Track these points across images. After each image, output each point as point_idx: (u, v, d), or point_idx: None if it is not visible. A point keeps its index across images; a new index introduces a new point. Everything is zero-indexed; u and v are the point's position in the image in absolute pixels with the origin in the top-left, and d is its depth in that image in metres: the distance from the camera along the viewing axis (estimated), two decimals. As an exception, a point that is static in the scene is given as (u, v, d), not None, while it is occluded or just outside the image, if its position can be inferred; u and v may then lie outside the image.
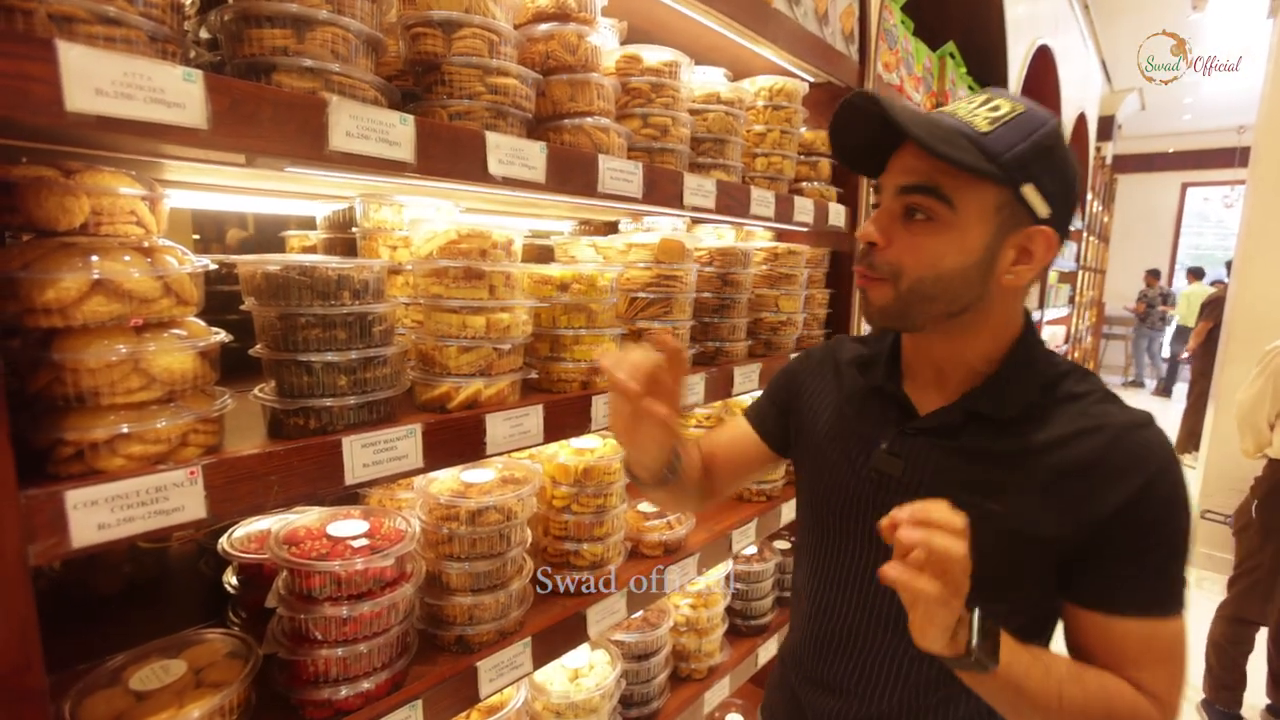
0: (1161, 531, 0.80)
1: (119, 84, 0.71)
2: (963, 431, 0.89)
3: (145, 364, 0.81)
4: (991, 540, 0.78)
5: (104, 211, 0.86)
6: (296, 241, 1.58)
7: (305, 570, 1.01)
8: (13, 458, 0.68)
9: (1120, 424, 0.83)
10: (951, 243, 0.83)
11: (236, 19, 0.90)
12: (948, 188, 0.82)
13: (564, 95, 1.26)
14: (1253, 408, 2.87)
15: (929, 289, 0.85)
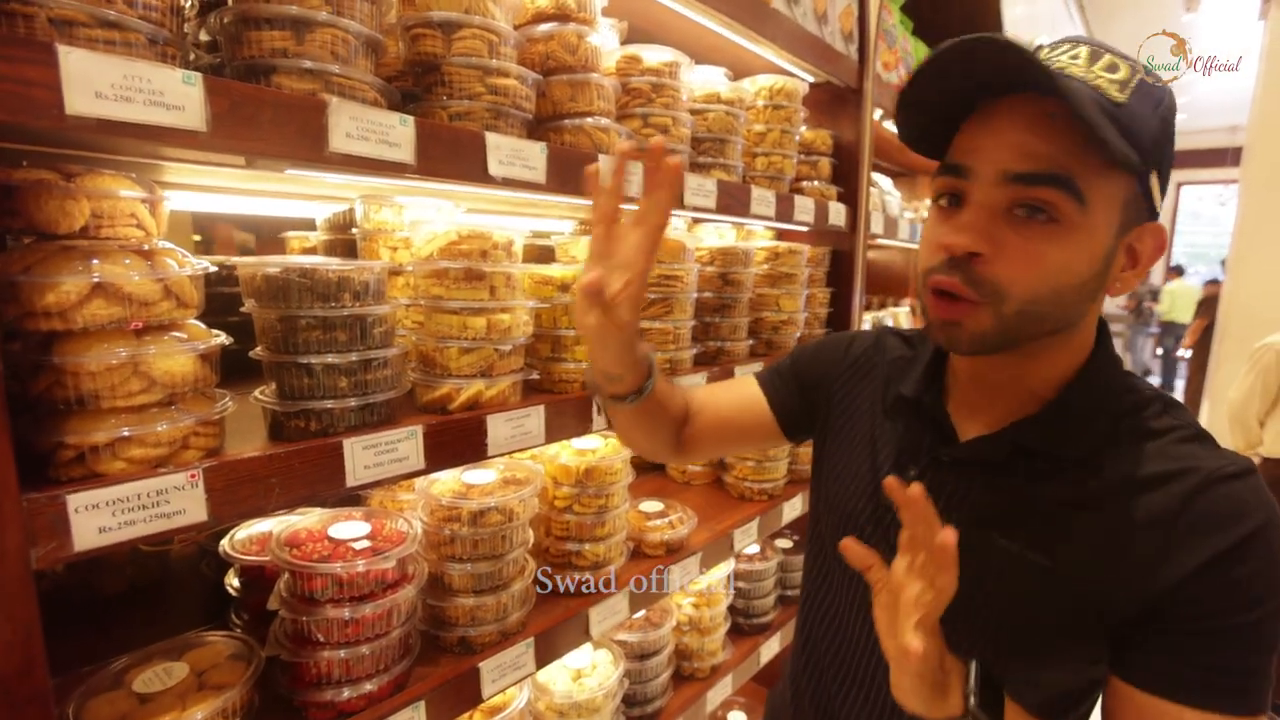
0: (1253, 605, 0.63)
1: (119, 87, 0.71)
2: (1007, 467, 0.75)
3: (146, 367, 0.81)
4: (1038, 593, 0.70)
5: (104, 214, 0.86)
6: (296, 243, 1.57)
7: (307, 572, 1.01)
8: (14, 462, 0.68)
9: (1208, 471, 0.66)
10: (1080, 250, 0.66)
11: (236, 21, 0.90)
12: (1083, 179, 0.64)
13: (564, 96, 1.26)
14: (1243, 405, 2.88)
15: (1044, 308, 0.67)
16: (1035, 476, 0.73)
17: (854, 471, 0.90)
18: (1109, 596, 0.67)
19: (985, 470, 0.77)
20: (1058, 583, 0.69)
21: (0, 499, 0.67)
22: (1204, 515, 0.65)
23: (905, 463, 0.84)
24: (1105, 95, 0.65)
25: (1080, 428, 0.72)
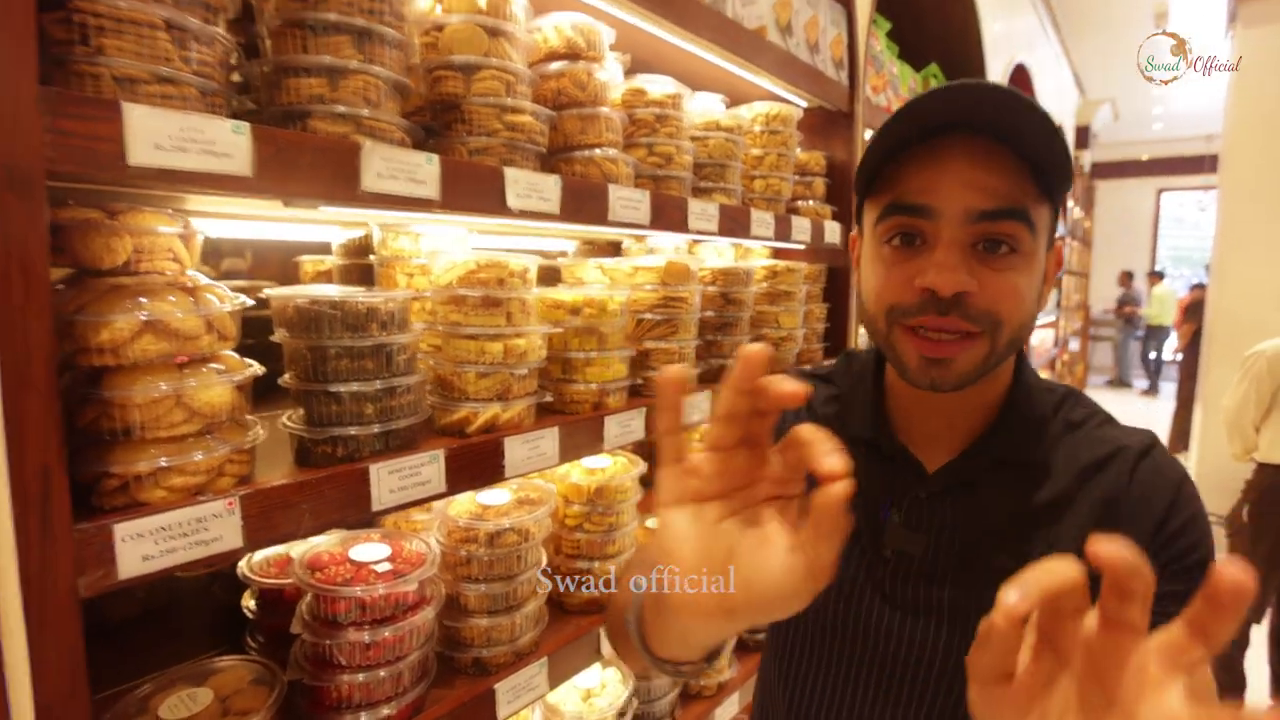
0: (1198, 547, 0.71)
1: (175, 138, 0.74)
2: (980, 485, 0.76)
3: (188, 399, 0.84)
4: None
5: (145, 250, 0.89)
6: (311, 266, 1.60)
7: (330, 595, 1.04)
8: (69, 495, 0.71)
9: (1132, 447, 0.75)
10: (1033, 275, 0.70)
11: (274, 70, 0.94)
12: (1032, 210, 0.68)
13: (575, 129, 1.31)
14: (1238, 412, 2.96)
15: (1021, 334, 0.71)
16: (1007, 489, 0.76)
17: None
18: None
19: (963, 493, 0.76)
20: None
21: (55, 531, 0.70)
22: (1144, 486, 0.73)
23: (884, 507, 0.79)
24: None
25: (1033, 432, 0.77)
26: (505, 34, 1.15)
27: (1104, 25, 7.07)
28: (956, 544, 0.75)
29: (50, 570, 0.69)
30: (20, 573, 0.68)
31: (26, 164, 0.65)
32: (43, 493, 0.69)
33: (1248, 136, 4.24)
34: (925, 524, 0.77)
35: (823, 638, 0.82)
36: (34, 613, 0.69)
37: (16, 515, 0.67)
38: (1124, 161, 12.79)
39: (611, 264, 1.64)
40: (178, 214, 0.94)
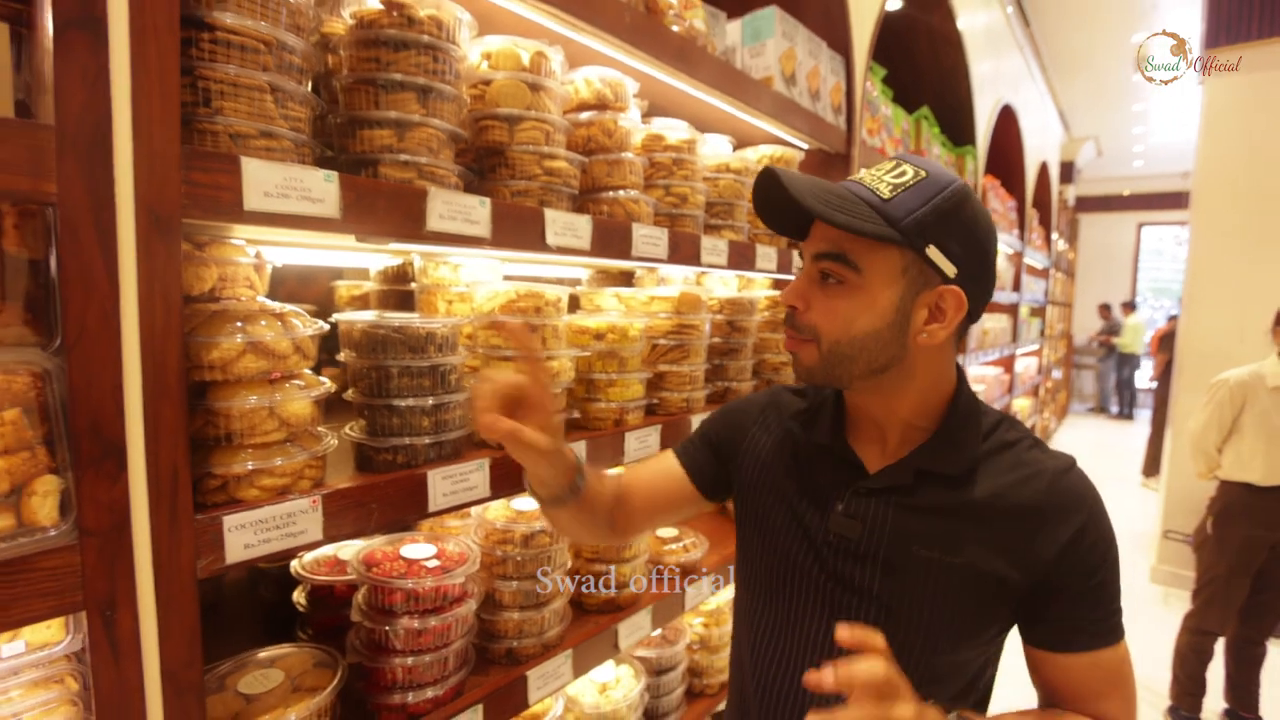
0: (1101, 569, 0.85)
1: (280, 187, 0.88)
2: (914, 488, 0.90)
3: (279, 410, 0.97)
4: (957, 587, 0.86)
5: (227, 278, 1.03)
6: (346, 291, 1.73)
7: (387, 587, 1.16)
8: (190, 491, 0.83)
9: (1052, 470, 0.87)
10: (862, 305, 0.86)
11: (348, 121, 1.08)
12: (854, 253, 0.84)
13: (602, 172, 1.46)
14: (1202, 435, 3.13)
15: (846, 349, 0.87)
16: (934, 494, 0.89)
17: (784, 519, 0.99)
18: (1008, 576, 0.85)
19: (896, 493, 0.91)
20: (972, 575, 0.86)
21: (180, 521, 0.82)
22: (1059, 504, 0.86)
23: (829, 500, 0.94)
24: (876, 193, 0.84)
25: (960, 449, 0.90)
26: (545, 88, 1.30)
27: (1087, 67, 7.38)
28: (886, 534, 0.90)
29: (176, 555, 0.82)
30: (153, 557, 0.80)
31: (168, 210, 0.79)
32: (172, 488, 0.81)
33: (1216, 179, 4.45)
34: (862, 515, 0.91)
35: (777, 593, 0.99)
36: (162, 591, 0.81)
37: (152, 507, 0.79)
38: (1106, 196, 13.17)
39: (628, 293, 1.79)
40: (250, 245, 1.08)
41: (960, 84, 4.00)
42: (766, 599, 1.00)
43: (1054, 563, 0.84)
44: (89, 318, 0.74)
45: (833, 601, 0.93)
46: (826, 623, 0.93)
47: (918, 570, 0.87)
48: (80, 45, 0.71)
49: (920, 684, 0.83)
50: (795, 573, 0.96)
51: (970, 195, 0.87)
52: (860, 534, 0.91)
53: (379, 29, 1.08)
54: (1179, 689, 3.16)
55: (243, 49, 0.89)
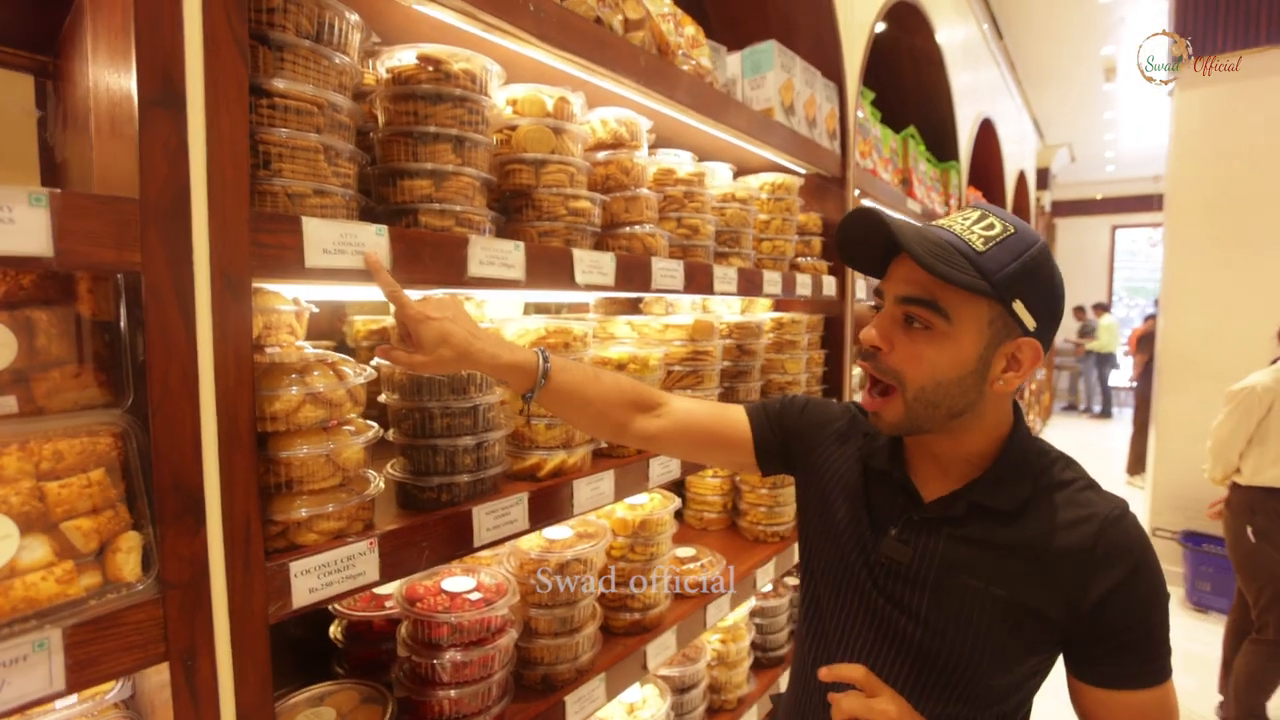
0: (1148, 617, 0.87)
1: (337, 243, 0.92)
2: (965, 520, 0.93)
3: (335, 456, 1.00)
4: (1000, 618, 0.89)
5: (271, 326, 1.06)
6: (363, 325, 1.76)
7: (431, 621, 1.19)
8: (261, 538, 0.86)
9: (1104, 514, 0.89)
10: (948, 352, 0.88)
11: (386, 173, 1.13)
12: (945, 301, 0.87)
13: (620, 209, 1.51)
14: (1229, 440, 3.11)
15: (931, 396, 0.90)
16: (985, 527, 0.92)
17: (844, 532, 1.05)
18: (1052, 614, 0.88)
19: (947, 524, 0.94)
20: (1016, 609, 0.89)
21: (253, 567, 0.85)
22: (1107, 549, 0.87)
23: (885, 524, 1.00)
24: (969, 244, 0.87)
25: (1013, 486, 0.93)
26: (567, 131, 1.35)
27: (1059, 78, 7.60)
28: (935, 562, 0.94)
29: (249, 602, 0.85)
30: (229, 605, 0.83)
31: (239, 271, 0.83)
32: (245, 538, 0.84)
33: (1188, 187, 4.61)
34: (914, 541, 0.96)
35: (836, 592, 1.04)
36: (238, 638, 0.84)
37: (228, 558, 0.83)
38: (1081, 200, 13.50)
39: (640, 321, 1.84)
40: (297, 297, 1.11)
41: (942, 100, 4.11)
42: (829, 591, 1.06)
43: (1098, 606, 0.86)
44: (171, 379, 0.77)
45: (882, 616, 0.97)
46: (874, 630, 0.98)
47: (963, 598, 0.91)
48: (163, 122, 0.75)
49: (958, 705, 0.93)
50: (852, 581, 1.02)
51: (1050, 254, 0.90)
52: (910, 559, 0.95)
53: (415, 84, 1.13)
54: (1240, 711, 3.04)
55: (298, 112, 0.93)
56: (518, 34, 1.21)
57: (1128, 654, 0.87)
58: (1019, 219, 0.93)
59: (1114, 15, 6.21)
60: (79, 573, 0.72)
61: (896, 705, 0.85)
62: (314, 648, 1.48)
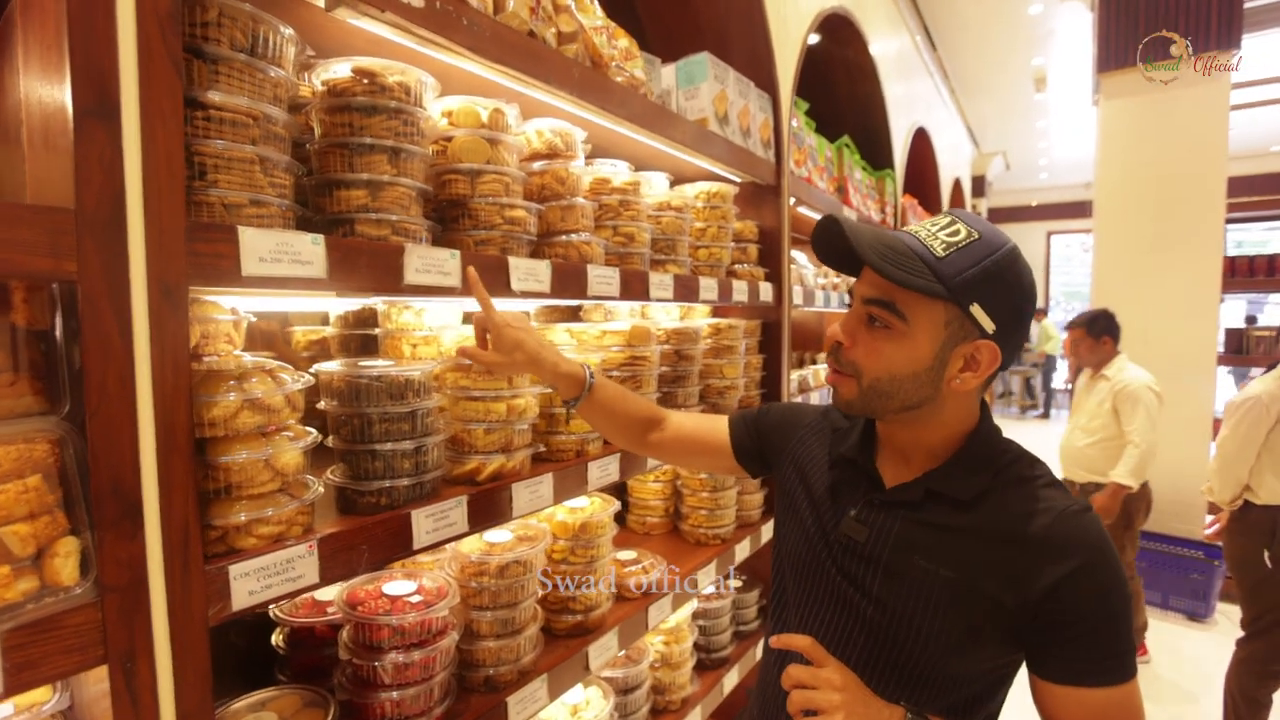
0: (1096, 614, 0.87)
1: (273, 252, 0.95)
2: (923, 506, 0.98)
3: (273, 461, 1.02)
4: (950, 600, 0.92)
5: (209, 335, 1.08)
6: (303, 336, 1.77)
7: (373, 624, 1.21)
8: (200, 541, 0.88)
9: (1061, 508, 0.92)
10: (904, 350, 0.94)
11: (323, 184, 1.15)
12: (902, 303, 0.92)
13: (556, 218, 1.56)
14: (1238, 455, 2.93)
15: (884, 387, 0.95)
16: (941, 513, 0.97)
17: (808, 515, 1.12)
18: (999, 599, 0.90)
19: (904, 508, 1.00)
20: (963, 591, 0.92)
21: (192, 570, 0.87)
22: (1060, 541, 0.89)
23: (847, 506, 1.05)
24: (930, 250, 0.92)
25: (972, 476, 0.97)
26: (502, 142, 1.40)
27: (992, 88, 7.95)
28: (890, 541, 0.99)
29: (189, 605, 0.87)
30: (169, 608, 0.85)
31: (175, 279, 0.85)
32: (184, 541, 0.86)
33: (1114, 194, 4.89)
34: (871, 521, 1.02)
35: (800, 573, 1.11)
36: (178, 640, 0.85)
37: (166, 561, 0.84)
38: (1016, 207, 14.13)
39: (579, 328, 1.89)
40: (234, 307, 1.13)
41: (876, 110, 4.28)
42: (793, 574, 1.13)
43: (1049, 594, 0.88)
44: (109, 385, 0.79)
45: (839, 593, 1.03)
46: (832, 608, 1.04)
47: (914, 578, 0.95)
48: (98, 133, 0.77)
49: (911, 688, 0.96)
50: (814, 560, 1.08)
51: (1017, 259, 0.94)
52: (866, 538, 1.01)
53: (351, 96, 1.16)
54: None
55: (234, 124, 0.96)
56: (452, 48, 1.25)
57: (1081, 648, 0.88)
58: (988, 224, 0.97)
59: (1043, 27, 6.54)
60: (16, 577, 0.73)
61: (842, 675, 0.89)
62: (257, 656, 1.47)
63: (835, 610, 1.03)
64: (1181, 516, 4.73)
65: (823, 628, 1.04)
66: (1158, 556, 4.57)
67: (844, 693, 0.87)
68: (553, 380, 1.28)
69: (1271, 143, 9.35)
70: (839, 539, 1.04)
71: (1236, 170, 4.62)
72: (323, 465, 1.24)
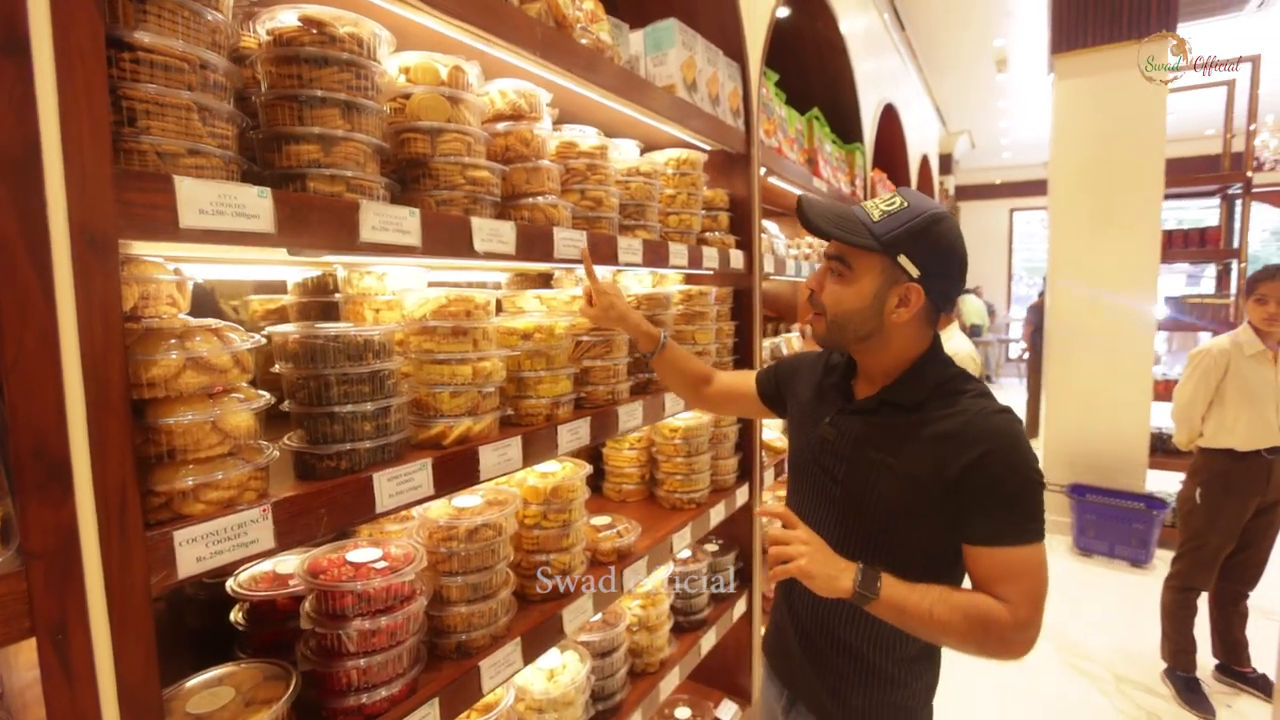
0: (1003, 485, 1.10)
1: (215, 204, 0.90)
2: (878, 412, 1.24)
3: (221, 424, 0.98)
4: (892, 484, 1.18)
5: (149, 296, 1.03)
6: (260, 305, 1.71)
7: (336, 591, 1.18)
8: (139, 506, 0.84)
9: (978, 409, 1.16)
10: (853, 291, 1.21)
11: (271, 137, 1.10)
12: (850, 257, 1.21)
13: (521, 180, 1.52)
14: (1190, 404, 3.21)
15: (841, 320, 1.23)
16: (889, 416, 1.23)
17: (801, 428, 1.42)
18: (927, 479, 1.15)
19: (864, 414, 1.27)
20: (903, 474, 1.17)
21: (130, 537, 0.83)
22: (973, 434, 1.13)
23: (824, 414, 1.34)
24: (869, 215, 1.20)
25: (915, 388, 1.23)
26: (463, 101, 1.35)
27: (956, 67, 7.98)
28: (851, 439, 1.27)
29: (128, 573, 0.83)
30: (105, 575, 0.81)
31: (103, 230, 0.80)
32: (120, 505, 0.82)
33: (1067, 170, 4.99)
34: (839, 425, 1.30)
35: (796, 471, 1.42)
36: (116, 610, 0.82)
37: (101, 525, 0.80)
38: (981, 185, 14.27)
39: (549, 294, 1.85)
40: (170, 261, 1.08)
41: (846, 85, 4.26)
42: (792, 472, 1.44)
43: (961, 475, 1.12)
44: (27, 340, 0.74)
45: (817, 482, 1.32)
46: (813, 494, 1.34)
47: (869, 466, 1.22)
48: (6, 69, 0.71)
49: (870, 552, 1.21)
50: (803, 460, 1.38)
51: (940, 221, 1.17)
52: (835, 438, 1.29)
53: (299, 46, 1.10)
54: (1172, 647, 3.28)
55: (166, 68, 0.90)
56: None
57: (991, 517, 1.11)
58: (921, 197, 1.21)
59: (1002, 8, 6.56)
60: (-72, 542, 0.69)
61: (809, 534, 1.15)
62: (214, 636, 1.43)
63: (815, 495, 1.33)
64: (1125, 471, 5.05)
65: (807, 508, 1.34)
66: (1104, 510, 4.88)
67: (809, 545, 1.13)
68: (635, 334, 1.70)
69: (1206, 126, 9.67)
70: (816, 440, 1.33)
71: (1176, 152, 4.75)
72: (280, 432, 1.20)
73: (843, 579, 1.11)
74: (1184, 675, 3.24)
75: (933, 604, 1.10)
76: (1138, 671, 3.45)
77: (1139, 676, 3.41)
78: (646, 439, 2.33)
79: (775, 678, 1.47)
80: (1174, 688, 3.23)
